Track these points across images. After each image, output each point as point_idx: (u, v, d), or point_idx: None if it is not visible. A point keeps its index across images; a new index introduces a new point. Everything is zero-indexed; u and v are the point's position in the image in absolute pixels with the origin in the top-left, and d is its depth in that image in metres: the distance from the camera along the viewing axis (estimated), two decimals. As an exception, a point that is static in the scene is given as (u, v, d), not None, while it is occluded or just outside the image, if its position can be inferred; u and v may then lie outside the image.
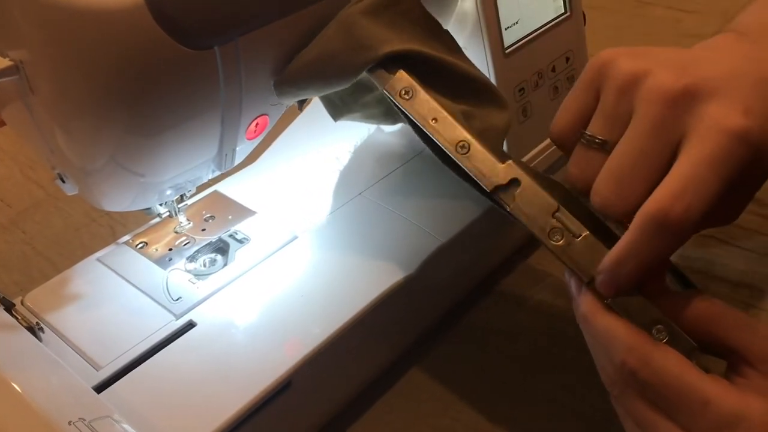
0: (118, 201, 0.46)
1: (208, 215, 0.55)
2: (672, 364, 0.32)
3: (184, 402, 0.42)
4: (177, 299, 0.48)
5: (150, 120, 0.40)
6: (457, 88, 0.44)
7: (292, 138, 0.65)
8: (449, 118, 0.40)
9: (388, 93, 0.41)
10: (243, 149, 0.47)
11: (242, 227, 0.54)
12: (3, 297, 0.46)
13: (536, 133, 0.60)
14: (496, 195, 0.38)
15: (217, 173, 0.47)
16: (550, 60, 0.60)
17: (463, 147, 0.39)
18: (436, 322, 0.56)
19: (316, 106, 0.68)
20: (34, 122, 0.41)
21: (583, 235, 0.35)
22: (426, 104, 0.40)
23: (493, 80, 0.55)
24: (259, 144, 0.48)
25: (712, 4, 1.07)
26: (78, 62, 0.36)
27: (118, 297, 0.49)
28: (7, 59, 0.38)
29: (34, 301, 0.49)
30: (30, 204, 0.75)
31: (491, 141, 0.40)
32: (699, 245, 0.63)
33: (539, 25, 0.58)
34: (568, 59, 0.61)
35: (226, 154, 0.45)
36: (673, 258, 0.56)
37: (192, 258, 0.51)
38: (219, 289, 0.49)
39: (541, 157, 0.60)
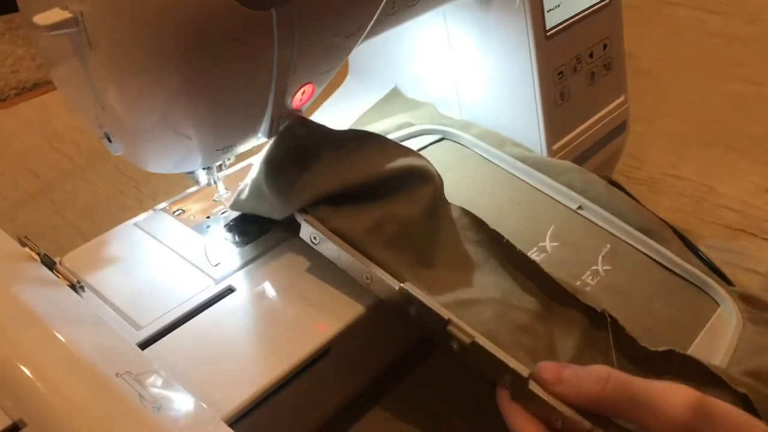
0: (163, 163, 0.46)
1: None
2: None
3: (225, 364, 0.42)
4: (216, 264, 0.48)
5: (204, 82, 0.40)
6: (369, 196, 0.47)
7: (327, 112, 0.66)
8: (352, 257, 0.44)
9: (303, 238, 0.46)
10: (287, 118, 0.47)
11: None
12: (45, 254, 0.46)
13: (573, 117, 0.60)
14: (402, 314, 0.42)
15: (263, 140, 0.47)
16: (588, 45, 0.60)
17: (367, 278, 0.44)
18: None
19: (349, 84, 0.68)
20: (87, 78, 0.41)
21: (470, 342, 0.39)
22: (330, 247, 0.45)
23: (533, 63, 0.56)
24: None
25: (737, 5, 1.07)
26: (142, 19, 0.36)
27: (157, 260, 0.49)
28: (67, 11, 0.38)
29: (73, 262, 0.49)
30: (58, 175, 0.76)
31: (408, 238, 0.46)
32: (730, 238, 0.64)
33: (580, 10, 0.58)
34: (605, 46, 0.62)
35: (272, 121, 0.45)
36: (705, 249, 0.56)
37: (230, 226, 0.51)
38: (258, 256, 0.49)
39: (577, 141, 0.60)
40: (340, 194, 0.46)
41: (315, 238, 0.45)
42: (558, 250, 0.50)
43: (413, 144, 0.59)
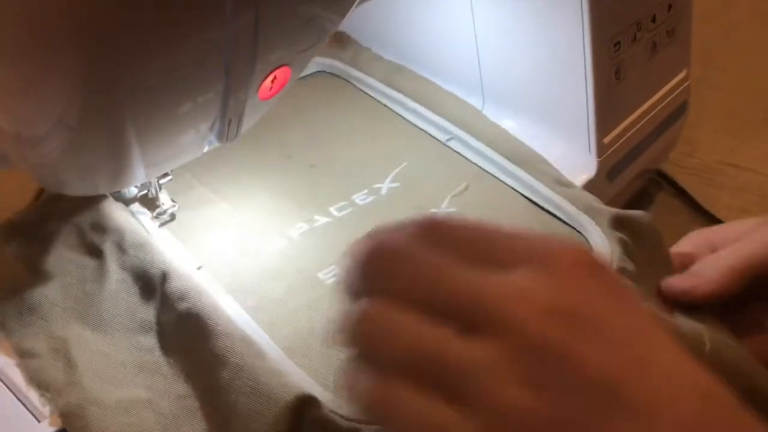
0: (76, 184, 0.33)
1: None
2: None
3: None
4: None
5: (115, 68, 0.27)
6: None
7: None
8: None
9: None
10: (253, 112, 0.34)
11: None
12: None
13: (630, 99, 0.49)
14: None
15: (215, 145, 0.33)
16: (650, 7, 0.47)
17: None
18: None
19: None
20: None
21: None
22: None
23: (586, 30, 0.44)
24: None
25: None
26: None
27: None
28: None
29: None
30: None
31: None
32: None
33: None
34: (670, 7, 0.49)
35: (230, 120, 0.32)
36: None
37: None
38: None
39: (634, 129, 0.49)
40: None
41: None
42: (395, 192, 0.45)
43: None
